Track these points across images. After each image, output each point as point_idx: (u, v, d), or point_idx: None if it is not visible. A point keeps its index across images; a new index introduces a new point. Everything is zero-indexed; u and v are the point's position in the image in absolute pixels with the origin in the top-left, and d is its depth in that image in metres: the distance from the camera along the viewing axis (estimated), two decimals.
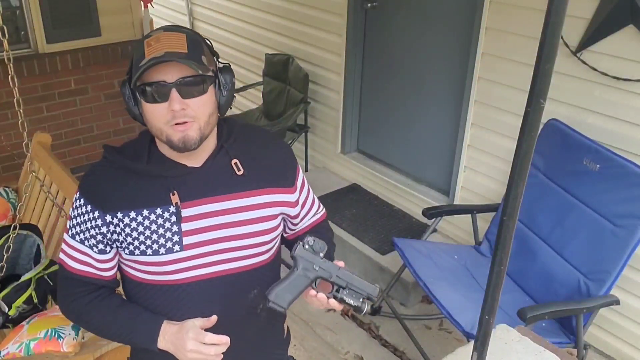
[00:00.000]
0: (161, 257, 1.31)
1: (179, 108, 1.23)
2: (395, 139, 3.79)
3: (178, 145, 1.26)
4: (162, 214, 1.30)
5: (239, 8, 4.59)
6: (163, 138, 1.28)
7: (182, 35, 1.25)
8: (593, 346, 2.77)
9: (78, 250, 1.36)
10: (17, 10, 3.57)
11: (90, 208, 1.32)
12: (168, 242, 1.31)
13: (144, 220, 1.30)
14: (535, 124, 0.88)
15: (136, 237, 1.31)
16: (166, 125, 1.25)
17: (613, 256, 2.39)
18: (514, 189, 0.93)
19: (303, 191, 1.48)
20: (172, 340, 1.30)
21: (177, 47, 1.22)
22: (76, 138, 3.96)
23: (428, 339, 2.95)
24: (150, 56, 1.20)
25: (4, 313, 2.15)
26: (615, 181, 2.47)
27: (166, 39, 1.23)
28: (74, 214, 1.36)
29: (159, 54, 1.20)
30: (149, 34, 1.28)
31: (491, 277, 1.03)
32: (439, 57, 3.37)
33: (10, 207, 2.76)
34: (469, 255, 2.89)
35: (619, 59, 2.48)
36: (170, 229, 1.30)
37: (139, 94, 1.26)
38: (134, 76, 1.23)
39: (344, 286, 1.29)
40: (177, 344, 1.29)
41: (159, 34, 1.25)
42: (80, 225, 1.34)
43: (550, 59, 0.83)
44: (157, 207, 1.30)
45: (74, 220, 1.36)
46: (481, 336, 1.11)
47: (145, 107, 1.27)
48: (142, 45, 1.24)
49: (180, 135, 1.25)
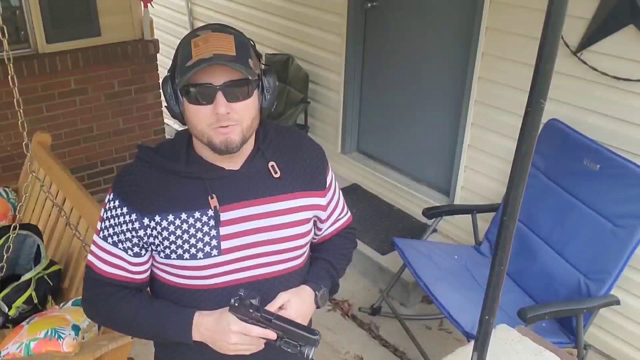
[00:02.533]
0: (199, 261, 1.29)
1: (224, 112, 1.21)
2: (395, 139, 3.79)
3: (220, 147, 1.24)
4: (201, 218, 1.28)
5: (239, 8, 4.59)
6: (204, 140, 1.25)
7: (230, 37, 1.22)
8: (593, 346, 2.77)
9: (110, 253, 1.33)
10: (17, 10, 3.56)
11: (127, 210, 1.28)
12: (206, 246, 1.29)
13: (182, 224, 1.28)
14: (536, 124, 0.88)
15: (173, 240, 1.28)
16: (209, 127, 1.23)
17: (613, 256, 2.39)
18: (514, 189, 0.93)
19: (334, 194, 1.47)
20: (209, 334, 1.27)
21: (225, 49, 1.20)
22: (76, 138, 3.96)
23: (428, 339, 2.95)
24: (198, 57, 1.18)
25: (4, 313, 2.16)
26: (615, 181, 2.47)
27: (214, 40, 1.20)
28: (107, 215, 1.32)
29: (207, 55, 1.18)
30: (196, 33, 1.24)
31: (491, 277, 1.03)
32: (439, 57, 3.37)
33: (10, 207, 2.76)
34: (469, 255, 2.89)
35: (619, 59, 2.48)
36: (209, 232, 1.28)
37: (183, 94, 1.23)
38: (180, 76, 1.20)
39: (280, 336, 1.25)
40: (216, 337, 1.26)
41: (207, 34, 1.22)
42: (114, 228, 1.31)
43: (550, 59, 0.83)
44: (196, 211, 1.28)
45: (106, 222, 1.32)
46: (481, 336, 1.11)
47: (188, 108, 1.24)
48: (189, 44, 1.21)
49: (222, 138, 1.23)
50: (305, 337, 1.24)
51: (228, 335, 1.24)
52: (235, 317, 1.24)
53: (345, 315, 3.11)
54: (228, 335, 1.24)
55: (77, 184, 2.48)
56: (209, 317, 1.28)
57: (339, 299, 3.21)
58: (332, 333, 2.98)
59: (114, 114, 4.06)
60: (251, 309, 1.23)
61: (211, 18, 4.90)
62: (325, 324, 3.03)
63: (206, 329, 1.27)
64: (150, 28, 4.05)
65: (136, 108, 4.15)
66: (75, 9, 3.69)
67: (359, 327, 3.04)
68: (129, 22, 3.94)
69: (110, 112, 4.04)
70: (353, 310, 3.15)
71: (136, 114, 4.16)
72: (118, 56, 3.90)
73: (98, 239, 1.34)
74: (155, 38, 4.11)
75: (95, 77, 3.88)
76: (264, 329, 1.23)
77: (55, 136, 3.67)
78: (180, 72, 1.21)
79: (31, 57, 3.60)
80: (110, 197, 1.32)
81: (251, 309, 1.23)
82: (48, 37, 3.64)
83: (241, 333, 1.23)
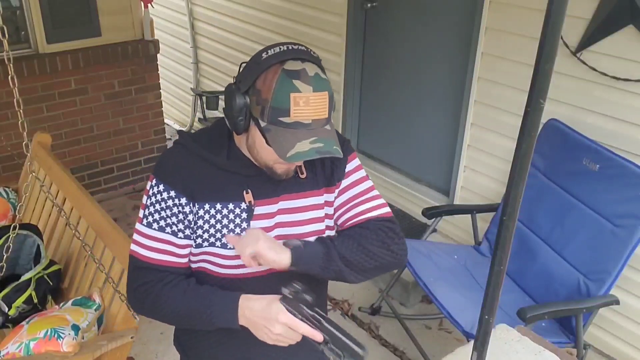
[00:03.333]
0: (228, 250, 1.34)
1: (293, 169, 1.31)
2: (395, 139, 3.79)
3: (280, 176, 1.31)
4: (234, 210, 1.33)
5: (239, 8, 4.59)
6: (263, 166, 1.31)
7: (326, 95, 1.23)
8: (593, 346, 2.78)
9: (156, 239, 1.33)
10: (17, 10, 3.56)
11: (175, 194, 1.30)
12: None
13: (216, 214, 1.32)
14: (535, 124, 0.88)
15: (207, 229, 1.32)
16: (274, 162, 1.28)
17: (613, 256, 2.39)
18: (514, 189, 0.93)
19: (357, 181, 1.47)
20: (254, 318, 1.26)
21: (321, 113, 1.22)
22: (76, 138, 3.96)
23: (428, 338, 2.95)
24: (297, 120, 1.19)
25: (4, 313, 2.16)
26: (615, 181, 2.47)
27: (315, 103, 1.21)
28: (151, 201, 1.32)
29: (306, 120, 1.20)
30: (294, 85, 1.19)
31: (491, 277, 1.03)
32: (439, 57, 3.37)
33: (10, 207, 2.76)
34: (469, 255, 2.90)
35: (618, 59, 2.49)
36: (240, 225, 1.33)
37: (262, 134, 1.23)
38: (268, 117, 1.20)
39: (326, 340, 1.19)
40: (260, 323, 1.25)
41: (308, 95, 1.19)
42: (160, 212, 1.32)
43: (550, 59, 0.83)
44: (230, 202, 1.32)
45: (150, 207, 1.32)
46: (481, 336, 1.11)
47: (261, 143, 1.26)
48: (287, 97, 1.18)
49: (283, 170, 1.31)
50: (352, 349, 1.17)
51: (274, 325, 1.22)
52: (285, 308, 1.22)
53: (345, 314, 3.11)
54: (274, 325, 1.22)
55: (77, 184, 2.48)
56: (257, 302, 1.27)
57: (339, 298, 3.22)
58: None
59: (114, 114, 4.07)
60: (303, 305, 1.21)
61: (211, 18, 4.91)
62: None
63: (252, 313, 1.26)
64: (150, 28, 4.05)
65: (136, 108, 4.15)
66: (76, 9, 3.70)
67: (359, 326, 3.04)
68: (129, 22, 3.94)
69: (111, 112, 4.05)
70: (353, 309, 3.15)
71: (136, 114, 4.16)
72: (118, 56, 3.90)
73: (142, 227, 1.34)
74: (156, 38, 4.11)
75: (95, 77, 3.89)
76: (312, 328, 1.20)
77: (56, 136, 3.67)
78: (271, 120, 1.20)
79: (31, 57, 3.61)
80: (153, 183, 1.33)
81: (303, 305, 1.21)
82: (48, 37, 3.64)
83: (288, 326, 1.21)
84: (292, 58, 1.23)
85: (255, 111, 1.23)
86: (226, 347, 1.47)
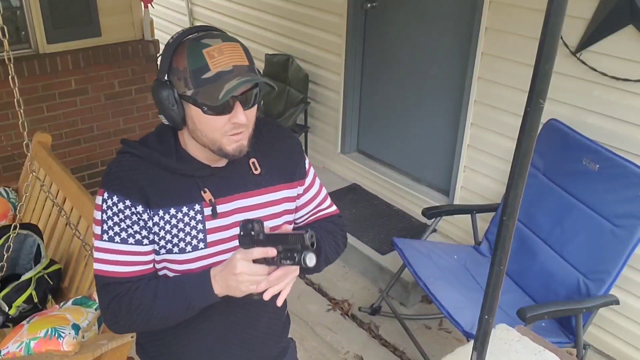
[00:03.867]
0: (186, 254, 1.31)
1: (244, 120, 1.23)
2: (395, 139, 3.79)
3: (233, 154, 1.27)
4: (188, 213, 1.30)
5: (239, 8, 4.60)
6: (214, 147, 1.26)
7: (238, 45, 1.24)
8: (593, 346, 2.78)
9: (121, 252, 1.29)
10: (18, 10, 3.56)
11: (130, 203, 1.27)
12: (193, 239, 1.31)
13: (171, 219, 1.29)
14: (535, 124, 0.88)
15: (163, 236, 1.30)
16: (222, 135, 1.25)
17: (613, 256, 2.39)
18: (514, 189, 0.93)
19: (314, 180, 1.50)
20: (223, 279, 1.23)
21: (240, 60, 1.21)
22: (76, 138, 3.96)
23: (428, 338, 2.96)
24: (218, 69, 1.19)
25: (4, 312, 2.16)
26: (615, 181, 2.47)
27: (228, 51, 1.21)
28: (108, 214, 1.28)
29: (227, 68, 1.19)
30: (202, 41, 1.21)
31: (491, 276, 1.03)
32: (438, 57, 3.38)
33: (11, 207, 2.76)
34: (469, 255, 2.90)
35: (618, 59, 2.49)
36: (196, 227, 1.31)
37: (196, 104, 1.22)
38: (195, 87, 1.20)
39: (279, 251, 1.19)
40: (228, 279, 1.22)
41: (219, 45, 1.21)
42: (120, 224, 1.28)
43: (549, 59, 0.83)
44: (184, 206, 1.30)
45: (108, 222, 1.28)
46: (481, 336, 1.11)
47: (199, 117, 1.24)
48: (200, 54, 1.20)
49: (235, 146, 1.26)
50: (297, 236, 1.16)
51: (235, 268, 1.20)
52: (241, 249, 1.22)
53: (345, 315, 3.11)
54: (235, 268, 1.20)
55: (77, 184, 2.48)
56: (222, 264, 1.26)
57: (339, 298, 3.22)
58: (332, 333, 2.98)
59: (114, 114, 4.07)
60: (253, 232, 1.21)
61: (211, 18, 4.91)
62: (325, 324, 3.04)
63: (220, 276, 1.24)
64: (150, 28, 4.05)
65: (136, 108, 4.15)
66: (76, 9, 3.70)
67: (359, 326, 3.05)
68: (129, 23, 3.94)
69: (111, 112, 4.05)
70: (353, 310, 3.15)
71: (136, 114, 4.16)
72: (118, 56, 3.90)
73: (103, 243, 1.29)
74: (156, 38, 4.11)
75: (95, 77, 3.89)
76: (263, 248, 1.19)
77: (56, 136, 3.67)
78: (195, 84, 1.21)
79: (32, 57, 3.61)
80: (105, 197, 1.28)
81: (253, 232, 1.21)
82: (48, 37, 3.64)
83: (244, 259, 1.19)
84: (194, 32, 1.26)
85: (180, 87, 1.23)
86: (191, 354, 1.46)
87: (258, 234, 1.21)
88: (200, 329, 1.42)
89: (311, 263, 1.14)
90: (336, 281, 3.35)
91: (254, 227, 1.21)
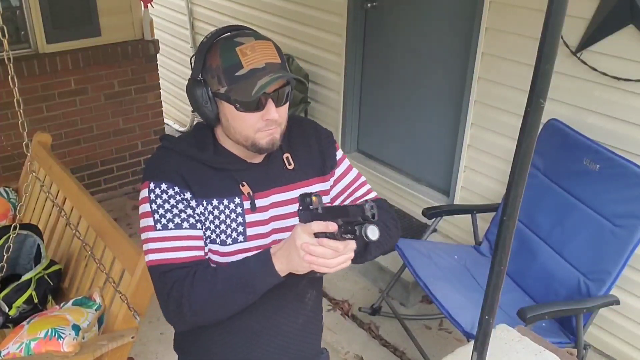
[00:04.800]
0: (227, 247, 1.32)
1: (276, 117, 1.26)
2: (395, 139, 3.79)
3: (266, 148, 1.29)
4: (229, 205, 1.31)
5: (239, 8, 4.59)
6: (247, 143, 1.29)
7: (270, 43, 1.26)
8: (593, 346, 2.78)
9: (177, 238, 1.28)
10: (17, 10, 3.56)
11: (179, 189, 1.28)
12: (233, 232, 1.32)
13: (213, 210, 1.31)
14: (535, 124, 0.88)
15: (208, 226, 1.31)
16: (255, 132, 1.27)
17: (613, 256, 2.39)
18: (514, 189, 0.93)
19: (348, 168, 1.50)
20: (284, 253, 1.20)
21: (273, 57, 1.24)
22: (76, 138, 3.97)
23: (428, 339, 2.95)
24: (250, 67, 1.21)
25: (4, 313, 2.16)
26: (615, 181, 2.47)
27: (261, 48, 1.24)
28: (158, 203, 1.27)
29: (260, 65, 1.22)
30: (236, 40, 1.24)
31: (491, 277, 1.03)
32: (439, 57, 3.37)
33: (11, 207, 2.76)
34: (469, 255, 2.90)
35: (618, 59, 2.49)
36: (236, 220, 1.32)
37: (229, 101, 1.25)
38: (228, 84, 1.23)
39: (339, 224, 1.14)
40: (289, 251, 1.18)
41: (251, 42, 1.24)
42: (172, 210, 1.28)
43: (550, 59, 0.83)
44: (225, 198, 1.31)
45: (160, 210, 1.27)
46: (481, 336, 1.11)
47: (233, 115, 1.26)
48: (233, 52, 1.22)
49: (268, 139, 1.28)
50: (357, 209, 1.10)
51: (296, 243, 1.15)
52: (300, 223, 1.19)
53: (345, 315, 3.11)
54: (296, 243, 1.15)
55: (77, 184, 2.48)
56: (282, 241, 1.23)
57: (339, 299, 3.22)
58: (332, 333, 2.98)
59: (114, 114, 4.07)
60: (311, 206, 1.18)
61: (211, 18, 4.91)
62: (325, 324, 3.02)
63: (282, 252, 1.20)
64: (150, 28, 4.05)
65: (136, 108, 4.15)
66: (76, 9, 3.70)
67: (359, 327, 3.04)
68: (129, 22, 3.94)
69: (111, 112, 4.05)
70: (353, 310, 3.15)
71: (136, 114, 4.16)
72: (118, 56, 3.91)
73: (157, 233, 1.27)
74: (156, 38, 4.11)
75: (95, 77, 3.89)
76: (323, 222, 1.14)
77: (56, 136, 3.67)
78: (228, 81, 1.23)
79: (31, 57, 3.61)
80: (152, 187, 1.28)
81: (311, 206, 1.18)
82: (48, 37, 3.64)
83: (305, 232, 1.15)
84: (227, 31, 1.29)
85: (214, 85, 1.26)
86: (226, 349, 1.46)
87: (317, 208, 1.17)
88: (235, 327, 1.42)
89: (373, 236, 1.09)
90: (336, 281, 3.35)
91: (312, 201, 1.18)
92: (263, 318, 1.42)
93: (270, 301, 1.34)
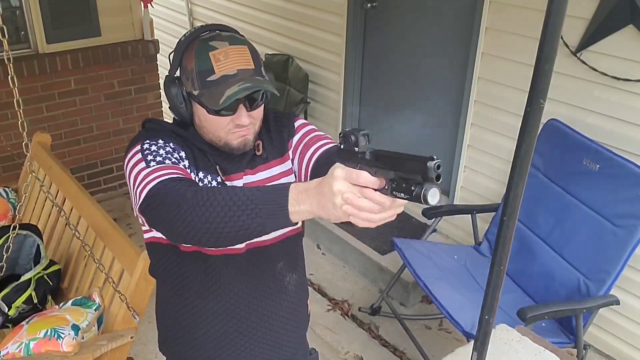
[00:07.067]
0: None
1: (247, 122, 1.28)
2: (395, 139, 3.79)
3: (238, 147, 1.31)
4: (211, 182, 1.33)
5: (239, 8, 4.59)
6: (220, 143, 1.31)
7: (245, 48, 1.27)
8: (593, 346, 2.78)
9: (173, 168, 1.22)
10: (17, 10, 3.56)
11: (174, 147, 1.29)
12: None
13: (196, 179, 1.32)
14: (535, 124, 0.88)
15: None
16: (227, 133, 1.29)
17: (613, 256, 2.39)
18: (514, 189, 0.93)
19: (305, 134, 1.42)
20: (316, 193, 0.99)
21: (245, 63, 1.25)
22: (76, 138, 3.96)
23: (428, 339, 2.95)
24: (222, 73, 1.22)
25: (4, 313, 2.16)
26: (615, 181, 2.47)
27: (234, 55, 1.24)
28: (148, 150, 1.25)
29: (232, 72, 1.23)
30: (211, 44, 1.24)
31: (491, 277, 1.03)
32: (438, 57, 3.37)
33: (10, 207, 2.76)
34: (469, 255, 2.89)
35: (619, 59, 2.48)
36: None
37: (201, 104, 1.27)
38: (200, 88, 1.24)
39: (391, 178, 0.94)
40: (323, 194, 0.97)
41: (225, 48, 1.24)
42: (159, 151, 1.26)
43: (550, 59, 0.83)
44: (209, 174, 1.33)
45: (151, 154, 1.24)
46: (481, 336, 1.11)
47: (205, 117, 1.28)
48: (207, 57, 1.23)
49: (240, 140, 1.30)
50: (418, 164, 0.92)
51: (333, 187, 0.95)
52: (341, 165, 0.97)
53: (345, 315, 3.11)
54: (333, 187, 0.95)
55: (77, 184, 2.48)
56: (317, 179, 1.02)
57: (339, 298, 3.22)
58: (332, 333, 2.98)
59: (114, 114, 4.07)
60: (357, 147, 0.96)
61: (211, 18, 4.90)
62: (325, 324, 3.03)
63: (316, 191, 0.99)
64: (150, 28, 4.05)
65: (136, 108, 4.15)
66: (75, 9, 3.70)
67: (359, 327, 3.04)
68: (129, 22, 3.94)
69: (110, 112, 4.05)
70: (353, 310, 3.15)
71: (136, 114, 4.16)
72: (118, 56, 3.90)
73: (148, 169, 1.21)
74: (155, 38, 4.11)
75: (95, 77, 3.89)
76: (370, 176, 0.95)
77: (55, 136, 3.67)
78: (201, 85, 1.25)
79: (31, 57, 3.61)
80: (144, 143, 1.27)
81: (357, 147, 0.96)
82: (48, 37, 3.64)
83: (345, 180, 0.95)
84: (205, 31, 1.30)
85: (188, 86, 1.28)
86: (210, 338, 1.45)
87: (364, 150, 0.96)
88: (216, 313, 1.42)
89: (434, 200, 0.90)
90: (336, 281, 3.35)
91: (359, 141, 0.96)
92: (244, 301, 1.41)
93: (246, 280, 1.37)
